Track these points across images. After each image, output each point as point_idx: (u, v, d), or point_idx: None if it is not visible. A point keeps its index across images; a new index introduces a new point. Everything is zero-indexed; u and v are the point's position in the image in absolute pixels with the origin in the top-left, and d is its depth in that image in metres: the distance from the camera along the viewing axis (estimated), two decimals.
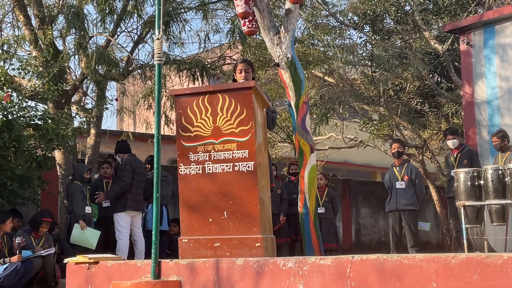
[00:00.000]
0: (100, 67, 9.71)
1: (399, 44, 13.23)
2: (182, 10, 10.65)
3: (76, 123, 10.30)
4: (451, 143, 8.66)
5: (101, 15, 9.94)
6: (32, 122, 8.76)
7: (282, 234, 9.48)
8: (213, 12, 11.90)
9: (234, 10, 10.42)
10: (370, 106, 13.56)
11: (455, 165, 8.46)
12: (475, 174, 6.39)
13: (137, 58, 11.40)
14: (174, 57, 10.91)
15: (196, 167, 4.75)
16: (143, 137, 14.47)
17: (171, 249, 9.21)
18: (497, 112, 9.85)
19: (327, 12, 12.98)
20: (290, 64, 7.66)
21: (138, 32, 11.05)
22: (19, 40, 10.78)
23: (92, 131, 10.53)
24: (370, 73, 12.98)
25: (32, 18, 10.35)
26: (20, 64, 9.59)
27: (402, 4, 13.07)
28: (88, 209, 8.53)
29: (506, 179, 6.15)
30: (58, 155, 9.90)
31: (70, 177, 9.43)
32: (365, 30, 13.99)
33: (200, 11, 11.29)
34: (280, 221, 9.46)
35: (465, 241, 6.36)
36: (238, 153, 4.68)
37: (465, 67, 10.40)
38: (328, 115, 12.88)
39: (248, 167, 4.64)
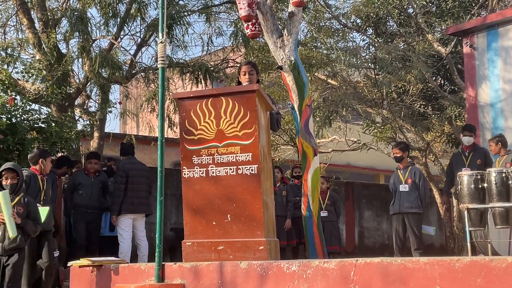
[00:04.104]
0: (103, 70, 9.75)
1: (402, 47, 13.22)
2: (185, 13, 10.68)
3: (79, 126, 10.34)
4: (466, 140, 8.59)
5: (105, 18, 9.98)
6: (35, 125, 8.78)
7: (287, 236, 9.49)
8: (216, 15, 11.94)
9: (237, 13, 10.44)
10: (373, 108, 13.55)
11: (466, 163, 8.41)
12: (479, 177, 6.38)
13: (141, 61, 11.44)
14: (177, 60, 10.95)
15: (200, 170, 4.76)
16: (146, 140, 14.50)
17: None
18: (501, 115, 9.83)
19: (330, 15, 12.99)
20: (293, 67, 7.67)
21: (141, 35, 11.10)
22: (22, 43, 10.83)
23: (96, 134, 10.56)
24: (373, 76, 12.97)
25: (36, 22, 10.39)
26: (23, 67, 9.64)
27: (405, 6, 13.06)
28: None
29: (510, 182, 6.14)
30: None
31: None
32: (368, 33, 13.98)
33: (203, 14, 11.32)
34: (285, 226, 9.45)
35: (468, 244, 6.35)
36: (241, 156, 4.68)
37: (468, 69, 10.39)
38: (331, 118, 12.87)
39: (252, 170, 4.64)
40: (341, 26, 13.26)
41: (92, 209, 8.61)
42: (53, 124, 8.82)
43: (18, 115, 8.47)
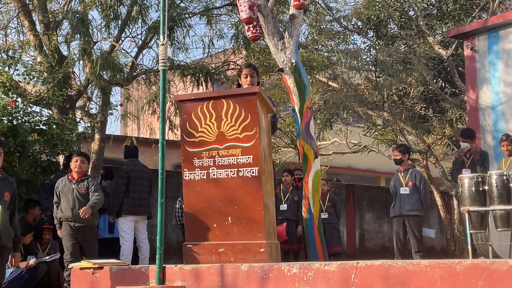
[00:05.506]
0: (104, 72, 9.74)
1: (403, 49, 13.23)
2: (186, 16, 10.67)
3: (80, 128, 10.33)
4: (462, 145, 8.67)
5: (106, 20, 9.97)
6: (37, 127, 8.79)
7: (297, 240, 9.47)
8: (217, 18, 11.94)
9: (238, 16, 10.44)
10: (374, 111, 13.56)
11: (466, 164, 8.45)
12: (480, 179, 6.37)
13: (142, 63, 11.44)
14: (178, 62, 10.93)
15: (201, 173, 4.76)
16: (147, 142, 14.49)
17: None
18: (502, 118, 9.83)
19: (331, 18, 13.00)
20: (294, 69, 7.68)
21: (143, 38, 11.08)
22: (24, 45, 10.81)
23: (97, 136, 10.55)
24: (374, 78, 12.98)
25: (37, 24, 10.38)
26: (25, 69, 9.63)
27: (406, 9, 13.07)
28: None
29: (511, 185, 6.14)
30: (62, 160, 9.92)
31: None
32: (369, 35, 13.99)
33: (204, 16, 11.32)
34: (298, 231, 9.41)
35: (469, 247, 6.35)
36: (242, 159, 4.69)
37: (469, 72, 10.39)
38: (332, 120, 12.88)
39: (253, 172, 4.65)
40: (342, 28, 13.27)
41: (78, 222, 7.09)
42: (54, 126, 8.83)
43: (19, 117, 8.48)
